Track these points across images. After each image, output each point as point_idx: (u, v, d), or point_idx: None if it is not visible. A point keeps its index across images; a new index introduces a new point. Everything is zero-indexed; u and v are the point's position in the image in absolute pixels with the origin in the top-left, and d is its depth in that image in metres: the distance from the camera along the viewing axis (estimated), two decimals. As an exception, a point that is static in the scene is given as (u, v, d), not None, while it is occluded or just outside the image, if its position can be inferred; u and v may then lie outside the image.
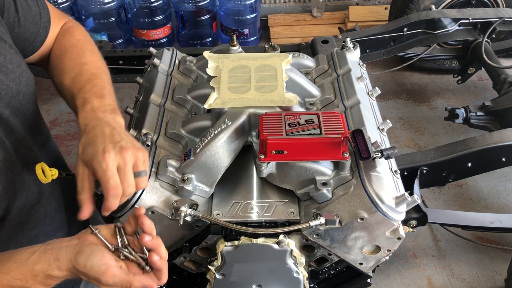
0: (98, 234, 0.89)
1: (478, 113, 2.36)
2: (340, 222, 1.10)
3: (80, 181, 0.91)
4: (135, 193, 1.09)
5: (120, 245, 0.89)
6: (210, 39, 3.99)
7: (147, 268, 0.89)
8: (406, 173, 1.82)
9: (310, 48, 2.31)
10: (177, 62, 1.52)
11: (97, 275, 0.84)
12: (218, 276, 1.20)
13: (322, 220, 1.08)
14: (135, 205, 1.10)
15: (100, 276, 0.84)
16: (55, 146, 1.19)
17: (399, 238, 1.16)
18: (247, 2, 3.78)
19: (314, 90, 1.38)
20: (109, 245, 0.88)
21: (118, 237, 0.90)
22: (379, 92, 1.43)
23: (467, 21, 2.68)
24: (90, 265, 0.84)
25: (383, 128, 1.31)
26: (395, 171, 1.19)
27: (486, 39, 2.69)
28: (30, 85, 1.00)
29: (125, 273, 0.86)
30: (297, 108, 1.24)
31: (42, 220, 1.00)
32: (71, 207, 1.13)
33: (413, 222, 1.80)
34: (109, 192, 0.87)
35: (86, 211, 0.91)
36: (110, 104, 0.99)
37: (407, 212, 1.16)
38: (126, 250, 0.89)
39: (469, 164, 1.87)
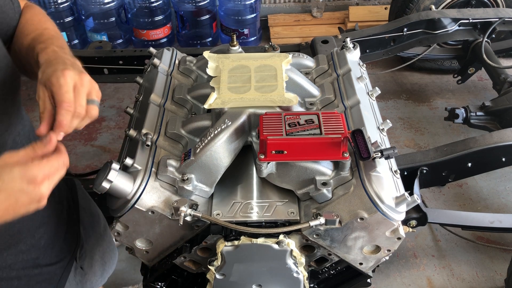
0: None
1: (478, 113, 2.36)
2: (340, 222, 1.10)
3: (41, 103, 0.92)
4: (135, 193, 1.09)
5: None
6: (210, 39, 4.00)
7: None
8: (406, 173, 1.82)
9: (310, 48, 2.31)
10: (177, 62, 1.52)
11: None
12: (218, 276, 1.20)
13: (322, 220, 1.08)
14: (135, 205, 1.10)
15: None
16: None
17: (399, 238, 1.16)
18: (247, 2, 3.78)
19: (314, 90, 1.38)
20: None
21: None
22: (379, 92, 1.43)
23: (467, 21, 2.68)
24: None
25: (383, 128, 1.31)
26: (395, 171, 1.19)
27: (486, 39, 2.69)
28: (15, 77, 1.01)
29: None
30: (297, 108, 1.24)
31: (25, 216, 1.00)
32: (55, 204, 1.13)
33: (413, 222, 1.80)
34: (62, 105, 0.88)
35: (43, 126, 0.91)
36: (71, 54, 1.00)
37: (407, 212, 1.16)
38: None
39: (469, 164, 1.87)
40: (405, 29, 2.62)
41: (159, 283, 1.39)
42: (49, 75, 0.90)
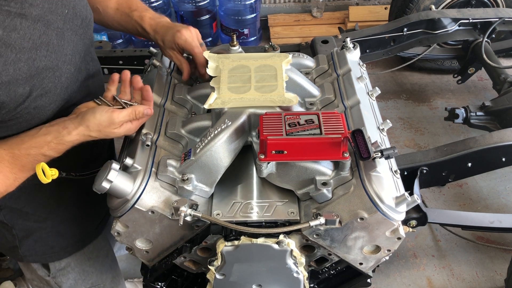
0: (100, 98, 1.14)
1: (478, 113, 2.36)
2: (340, 222, 1.10)
3: (177, 61, 1.37)
4: (135, 193, 1.09)
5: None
6: (210, 39, 4.00)
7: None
8: (406, 173, 1.82)
9: (310, 48, 2.31)
10: (177, 62, 1.52)
11: (108, 119, 1.03)
12: (218, 276, 1.20)
13: (322, 220, 1.08)
14: (135, 205, 1.10)
15: (110, 118, 1.04)
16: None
17: (399, 238, 1.16)
18: (247, 2, 3.78)
19: (314, 90, 1.38)
20: (108, 102, 1.14)
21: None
22: (379, 92, 1.43)
23: (467, 21, 2.68)
24: (99, 116, 1.03)
25: (383, 128, 1.31)
26: (395, 171, 1.18)
27: (486, 39, 2.69)
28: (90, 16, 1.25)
29: (127, 108, 1.09)
30: (297, 108, 1.24)
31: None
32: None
33: (413, 222, 1.80)
34: (197, 55, 1.30)
35: (186, 74, 1.39)
36: (155, 13, 1.39)
37: (407, 212, 1.16)
38: (123, 100, 1.14)
39: (469, 164, 1.87)
40: (405, 29, 2.62)
41: (159, 283, 1.39)
42: (172, 40, 1.30)
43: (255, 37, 4.01)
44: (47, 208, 1.31)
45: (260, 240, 1.12)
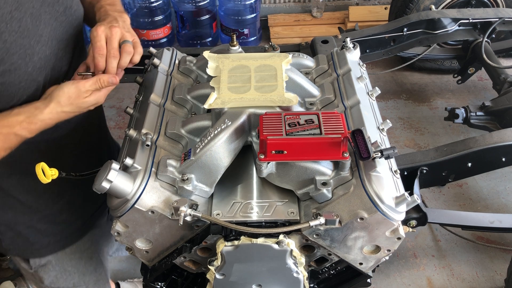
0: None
1: (478, 113, 2.36)
2: (340, 222, 1.10)
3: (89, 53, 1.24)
4: (135, 193, 1.09)
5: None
6: (210, 39, 4.00)
7: None
8: (406, 173, 1.82)
9: (310, 48, 2.31)
10: (177, 62, 1.52)
11: (75, 90, 1.07)
12: (218, 276, 1.20)
13: (322, 220, 1.08)
14: (135, 205, 1.10)
15: (77, 88, 1.07)
16: None
17: (399, 238, 1.16)
18: (247, 2, 3.78)
19: (314, 90, 1.38)
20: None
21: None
22: (379, 92, 1.43)
23: (467, 21, 2.68)
24: (67, 89, 1.07)
25: (383, 128, 1.31)
26: (395, 171, 1.18)
27: (486, 39, 2.69)
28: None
29: (92, 78, 1.11)
30: (297, 108, 1.24)
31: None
32: None
33: (413, 222, 1.80)
34: (95, 51, 1.12)
35: (81, 68, 1.19)
36: (120, 8, 1.29)
37: (407, 212, 1.16)
38: (87, 73, 1.16)
39: (469, 164, 1.87)
40: (405, 29, 2.62)
41: (159, 283, 1.39)
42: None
43: (255, 37, 4.01)
44: (25, 205, 1.34)
45: (260, 240, 1.12)
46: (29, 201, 1.34)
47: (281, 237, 1.12)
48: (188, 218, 1.08)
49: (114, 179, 1.05)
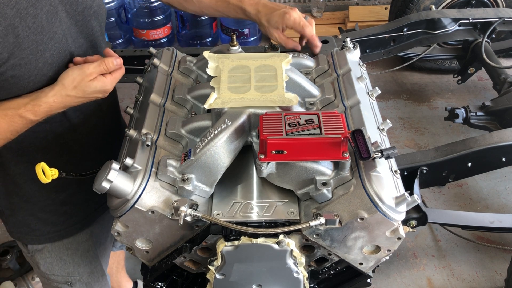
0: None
1: (478, 113, 2.36)
2: (340, 222, 1.10)
3: (283, 42, 1.52)
4: (135, 193, 1.09)
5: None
6: (210, 39, 4.00)
7: None
8: (406, 173, 1.82)
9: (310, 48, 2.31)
10: (177, 62, 1.52)
11: (79, 72, 1.09)
12: (218, 276, 1.20)
13: (322, 220, 1.08)
14: (135, 205, 1.10)
15: (81, 70, 1.09)
16: None
17: (399, 238, 1.16)
18: (247, 2, 3.78)
19: (314, 90, 1.38)
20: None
21: None
22: (379, 92, 1.43)
23: (467, 21, 2.68)
24: (71, 72, 1.09)
25: (383, 128, 1.31)
26: (395, 171, 1.18)
27: (486, 39, 2.69)
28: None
29: (96, 61, 1.13)
30: (297, 108, 1.24)
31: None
32: None
33: (413, 222, 1.80)
34: (308, 34, 1.47)
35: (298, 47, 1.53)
36: None
37: (407, 212, 1.16)
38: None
39: (469, 164, 1.87)
40: (405, 29, 2.62)
41: (159, 283, 1.39)
42: (279, 21, 1.43)
43: (255, 37, 4.01)
44: (29, 193, 1.37)
45: (260, 240, 1.12)
46: (33, 190, 1.36)
47: (281, 237, 1.12)
48: (188, 218, 1.08)
49: (114, 179, 1.05)
